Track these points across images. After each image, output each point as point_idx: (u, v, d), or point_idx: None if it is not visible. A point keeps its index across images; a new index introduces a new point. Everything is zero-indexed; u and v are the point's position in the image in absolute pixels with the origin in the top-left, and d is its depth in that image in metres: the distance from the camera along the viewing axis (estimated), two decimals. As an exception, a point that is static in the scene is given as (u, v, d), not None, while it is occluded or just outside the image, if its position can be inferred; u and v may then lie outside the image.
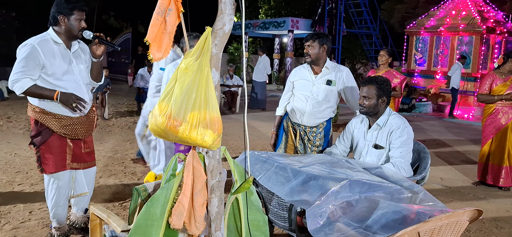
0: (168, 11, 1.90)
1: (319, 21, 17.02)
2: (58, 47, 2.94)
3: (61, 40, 2.94)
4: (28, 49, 2.84)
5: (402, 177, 2.74)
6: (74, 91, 2.96)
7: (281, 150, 3.90)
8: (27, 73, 2.81)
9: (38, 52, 2.83)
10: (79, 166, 3.19)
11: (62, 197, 3.15)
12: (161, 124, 1.78)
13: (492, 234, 3.79)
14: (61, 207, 3.17)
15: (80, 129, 3.09)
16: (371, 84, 3.10)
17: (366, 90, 3.11)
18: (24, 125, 8.10)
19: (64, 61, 2.95)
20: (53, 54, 2.90)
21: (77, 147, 3.13)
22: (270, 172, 2.76)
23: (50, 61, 2.88)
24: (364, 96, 3.11)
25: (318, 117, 3.70)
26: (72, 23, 2.90)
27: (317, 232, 2.26)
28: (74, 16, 2.89)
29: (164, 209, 1.93)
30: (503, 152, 5.07)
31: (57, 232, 3.23)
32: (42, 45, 2.87)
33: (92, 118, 3.21)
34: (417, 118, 11.65)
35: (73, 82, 2.98)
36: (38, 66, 2.84)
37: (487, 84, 5.09)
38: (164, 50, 1.95)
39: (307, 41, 3.63)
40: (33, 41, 2.88)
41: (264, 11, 23.36)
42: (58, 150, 3.04)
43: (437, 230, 2.14)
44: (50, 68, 2.88)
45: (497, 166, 5.12)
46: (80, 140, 3.14)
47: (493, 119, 5.11)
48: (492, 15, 13.45)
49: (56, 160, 3.04)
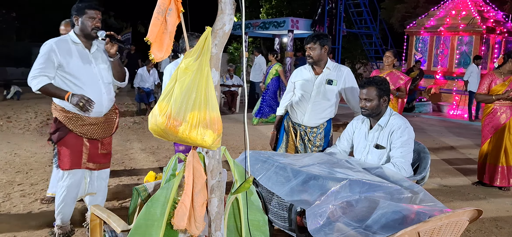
0: (168, 11, 1.90)
1: (319, 21, 17.02)
2: (76, 47, 3.05)
3: (80, 40, 3.05)
4: (46, 48, 2.98)
5: (402, 177, 2.74)
6: (91, 89, 3.03)
7: (282, 150, 3.90)
8: (44, 71, 2.94)
9: (54, 52, 2.95)
10: (94, 166, 3.22)
11: (71, 195, 3.17)
12: (161, 124, 1.78)
13: (492, 234, 3.79)
14: (68, 206, 3.19)
15: (97, 129, 3.14)
16: (371, 85, 3.09)
17: (366, 92, 3.08)
18: (24, 125, 8.10)
19: (82, 61, 3.04)
20: (70, 53, 3.01)
21: (93, 147, 3.17)
22: (270, 172, 2.76)
23: (66, 60, 2.98)
24: (365, 98, 3.08)
25: (319, 117, 3.70)
26: (84, 22, 3.00)
27: (317, 232, 2.26)
28: (86, 15, 2.98)
29: (164, 209, 1.93)
30: (499, 151, 5.09)
31: (59, 230, 3.24)
32: (59, 45, 2.99)
33: (111, 119, 3.24)
34: (417, 118, 11.66)
35: (90, 80, 3.05)
36: (53, 65, 2.96)
37: (486, 84, 5.10)
38: (165, 50, 1.95)
39: (308, 44, 3.63)
40: (52, 41, 3.02)
41: (265, 11, 23.36)
42: (74, 148, 3.10)
43: (437, 230, 2.14)
44: (66, 67, 2.98)
45: (493, 166, 5.15)
46: (97, 141, 3.17)
47: (492, 118, 5.12)
48: (492, 15, 13.45)
49: (72, 158, 3.10)
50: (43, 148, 6.24)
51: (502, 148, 5.06)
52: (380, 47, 17.04)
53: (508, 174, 5.10)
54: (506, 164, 5.09)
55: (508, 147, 5.06)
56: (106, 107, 3.16)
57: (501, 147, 5.07)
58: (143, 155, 6.11)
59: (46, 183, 4.61)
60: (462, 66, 12.89)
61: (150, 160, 5.88)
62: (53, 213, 3.77)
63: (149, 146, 6.73)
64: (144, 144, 6.82)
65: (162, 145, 6.76)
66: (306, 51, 3.68)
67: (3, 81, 13.41)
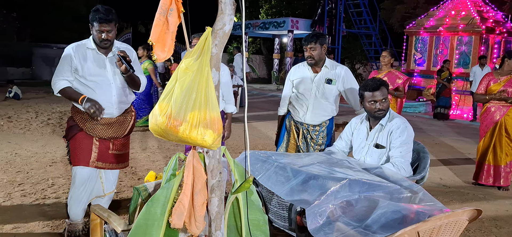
0: (169, 11, 1.91)
1: (319, 21, 17.04)
2: (91, 51, 3.15)
3: (95, 46, 3.14)
4: (65, 52, 3.14)
5: (401, 177, 2.74)
6: (102, 92, 3.13)
7: (282, 149, 3.90)
8: (64, 74, 3.10)
9: (70, 56, 3.10)
10: (104, 165, 3.26)
11: (77, 192, 3.20)
12: (162, 123, 1.79)
13: (492, 234, 3.79)
14: (75, 203, 3.21)
15: (108, 129, 3.19)
16: (383, 86, 3.10)
17: (379, 94, 3.06)
18: (25, 125, 8.11)
19: (97, 65, 3.14)
20: (85, 57, 3.12)
21: (104, 147, 3.22)
22: (270, 171, 2.77)
23: (81, 64, 3.10)
24: (381, 99, 3.07)
25: (321, 115, 3.71)
26: (94, 33, 3.09)
27: (316, 231, 2.27)
28: (94, 27, 3.06)
29: (165, 209, 1.94)
30: (487, 150, 5.15)
31: (68, 227, 3.29)
32: (77, 49, 3.13)
33: (124, 120, 3.29)
34: (417, 118, 11.66)
35: (102, 83, 3.14)
36: (70, 68, 3.10)
37: (484, 84, 5.17)
38: (167, 50, 1.96)
39: (309, 44, 3.62)
40: (71, 45, 3.16)
41: (264, 11, 23.38)
42: (83, 146, 3.17)
43: (437, 230, 2.15)
44: (81, 70, 3.10)
45: (480, 164, 5.22)
46: (108, 141, 3.22)
47: (486, 117, 5.19)
48: (491, 15, 13.46)
49: (81, 155, 3.17)
50: (43, 148, 6.25)
51: (491, 147, 5.12)
52: (380, 47, 17.06)
53: (495, 173, 5.13)
54: (493, 163, 5.13)
55: (497, 146, 5.09)
56: (117, 109, 3.22)
57: (489, 145, 5.13)
58: (143, 155, 6.12)
59: (47, 183, 4.62)
60: (462, 66, 12.90)
61: (150, 160, 5.89)
62: (54, 213, 3.78)
63: (149, 146, 6.74)
64: (144, 144, 6.83)
65: (162, 145, 6.76)
66: (307, 52, 3.66)
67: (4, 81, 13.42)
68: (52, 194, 4.27)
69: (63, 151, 5.82)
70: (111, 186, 3.47)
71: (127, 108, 3.32)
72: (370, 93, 3.08)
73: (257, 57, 25.18)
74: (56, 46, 18.23)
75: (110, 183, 3.45)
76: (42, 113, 9.58)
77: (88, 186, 3.23)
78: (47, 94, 12.71)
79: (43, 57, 18.61)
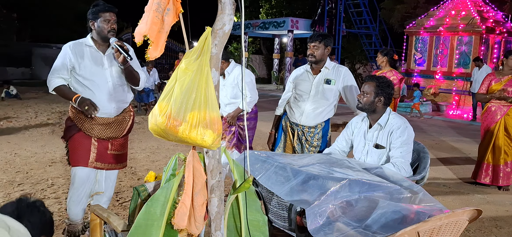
0: (166, 11, 1.90)
1: (319, 21, 17.04)
2: (89, 49, 3.14)
3: (94, 43, 3.14)
4: (62, 51, 3.13)
5: (401, 177, 2.74)
6: (99, 90, 3.10)
7: (280, 149, 3.90)
8: (59, 73, 3.08)
9: (68, 54, 3.09)
10: (103, 166, 3.24)
11: (76, 193, 3.19)
12: (161, 123, 1.78)
13: (492, 234, 3.79)
14: (74, 203, 3.20)
15: (106, 129, 3.17)
16: (372, 81, 3.12)
17: (365, 86, 3.14)
18: (24, 125, 8.11)
19: (95, 63, 3.12)
20: (83, 55, 3.11)
21: (102, 147, 3.20)
22: (270, 171, 2.77)
23: (78, 62, 3.09)
24: (362, 91, 3.14)
25: (317, 117, 3.70)
26: (100, 25, 3.07)
27: (316, 231, 2.26)
28: (101, 18, 3.05)
29: (164, 209, 1.94)
30: (487, 149, 5.16)
31: (68, 227, 3.29)
32: (74, 47, 3.11)
33: (123, 120, 3.27)
34: (417, 118, 11.66)
35: (99, 82, 3.12)
36: (66, 67, 3.09)
37: (486, 84, 5.20)
38: (160, 48, 1.95)
39: (313, 42, 3.62)
40: (68, 44, 3.14)
41: (265, 11, 23.38)
42: (82, 146, 3.16)
43: (437, 230, 2.15)
44: (78, 69, 3.09)
45: (479, 163, 5.23)
46: (106, 141, 3.20)
47: (486, 116, 5.21)
48: (491, 15, 13.45)
49: (80, 155, 3.16)
50: (43, 148, 6.25)
51: (490, 146, 5.13)
52: (380, 47, 17.04)
53: (493, 172, 5.14)
54: (492, 162, 5.14)
55: (497, 146, 5.10)
56: (115, 108, 3.19)
57: (489, 145, 5.14)
58: (143, 155, 6.12)
59: (47, 183, 4.62)
60: (462, 66, 12.89)
61: (150, 160, 5.89)
62: (53, 213, 3.77)
63: (149, 146, 6.74)
64: (144, 144, 6.83)
65: (162, 145, 6.76)
66: (309, 49, 3.66)
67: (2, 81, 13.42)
68: (52, 194, 4.27)
69: (63, 151, 5.82)
70: (101, 187, 3.41)
71: (125, 108, 3.29)
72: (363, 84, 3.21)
73: (257, 57, 25.19)
74: (55, 46, 18.22)
75: (101, 184, 3.39)
76: (41, 113, 9.58)
77: (88, 186, 3.22)
78: (46, 94, 12.69)
79: (43, 57, 18.61)
